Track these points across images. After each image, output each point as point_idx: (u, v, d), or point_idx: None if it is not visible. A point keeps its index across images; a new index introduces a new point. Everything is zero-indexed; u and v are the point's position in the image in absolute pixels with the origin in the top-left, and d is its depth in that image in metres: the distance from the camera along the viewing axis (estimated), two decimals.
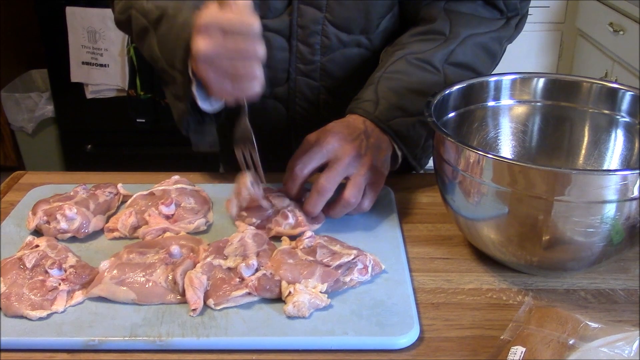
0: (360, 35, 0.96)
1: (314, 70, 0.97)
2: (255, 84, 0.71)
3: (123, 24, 0.92)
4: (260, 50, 0.69)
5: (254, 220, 0.81)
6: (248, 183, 0.80)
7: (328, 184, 0.79)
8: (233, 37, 0.67)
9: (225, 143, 1.16)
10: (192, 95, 0.77)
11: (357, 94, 0.91)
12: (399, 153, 0.88)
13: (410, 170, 0.96)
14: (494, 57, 0.96)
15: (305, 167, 0.80)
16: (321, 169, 0.81)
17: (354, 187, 0.80)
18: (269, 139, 0.96)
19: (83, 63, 2.55)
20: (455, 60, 0.91)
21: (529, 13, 1.01)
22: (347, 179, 0.80)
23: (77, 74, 2.57)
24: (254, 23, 0.68)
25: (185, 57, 0.75)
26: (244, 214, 0.82)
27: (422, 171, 1.10)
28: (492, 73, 0.84)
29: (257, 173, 0.81)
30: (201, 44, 0.68)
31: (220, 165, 1.23)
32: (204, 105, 0.79)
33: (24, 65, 2.87)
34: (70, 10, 2.46)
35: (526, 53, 2.69)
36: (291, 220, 0.79)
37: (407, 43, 0.94)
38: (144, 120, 2.64)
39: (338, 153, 0.80)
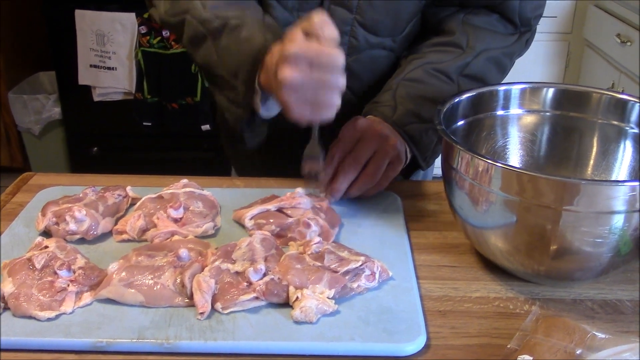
0: (387, 37, 0.97)
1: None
2: (332, 111, 0.74)
3: (172, 25, 0.93)
4: (342, 81, 0.72)
5: (272, 228, 0.81)
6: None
7: (354, 162, 0.85)
8: (319, 69, 0.70)
9: (237, 150, 1.16)
10: (254, 104, 0.82)
11: (375, 97, 0.95)
12: (409, 155, 0.92)
13: (416, 169, 0.99)
14: (504, 71, 0.99)
15: (339, 151, 0.87)
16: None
17: (376, 165, 0.86)
18: (289, 134, 0.98)
19: (91, 66, 2.56)
20: (469, 72, 0.94)
21: None
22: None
23: (84, 77, 2.58)
24: (340, 56, 0.71)
25: (251, 70, 0.80)
26: (263, 221, 0.82)
27: (430, 178, 1.09)
28: (502, 82, 0.85)
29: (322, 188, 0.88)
30: (288, 73, 0.70)
31: (232, 169, 1.23)
32: (264, 112, 0.84)
33: (31, 67, 2.89)
34: (79, 13, 2.47)
35: (533, 63, 2.69)
36: (315, 228, 0.79)
37: (427, 52, 0.97)
38: (150, 124, 2.65)
39: (367, 133, 0.87)
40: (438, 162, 0.78)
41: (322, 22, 0.71)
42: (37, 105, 2.70)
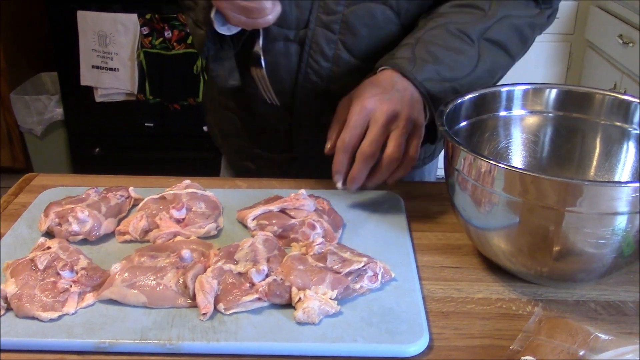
0: None
1: (334, 21, 0.96)
2: (266, 18, 0.79)
3: None
4: None
5: (275, 229, 0.81)
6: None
7: (371, 148, 0.82)
8: None
9: (228, 145, 1.16)
10: (211, 20, 0.83)
11: (392, 51, 0.91)
12: (428, 115, 0.89)
13: (432, 141, 0.95)
14: (526, 42, 0.97)
15: (352, 138, 0.83)
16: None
17: (395, 144, 0.83)
18: (288, 89, 1.01)
19: (93, 67, 2.56)
20: (491, 36, 0.92)
21: None
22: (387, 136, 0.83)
23: (86, 78, 2.58)
24: None
25: None
26: (265, 221, 0.82)
27: (434, 178, 1.09)
28: (504, 84, 0.84)
29: (267, 93, 0.91)
30: None
31: (221, 165, 1.24)
32: (222, 29, 0.85)
33: (34, 68, 2.89)
34: (81, 14, 2.48)
35: (535, 64, 2.70)
36: (319, 230, 0.79)
37: (447, 13, 0.94)
38: (152, 125, 2.65)
39: (376, 115, 0.83)
40: (441, 163, 0.78)
41: None
42: (40, 106, 2.70)
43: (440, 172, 0.83)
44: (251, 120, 1.08)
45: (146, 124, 2.64)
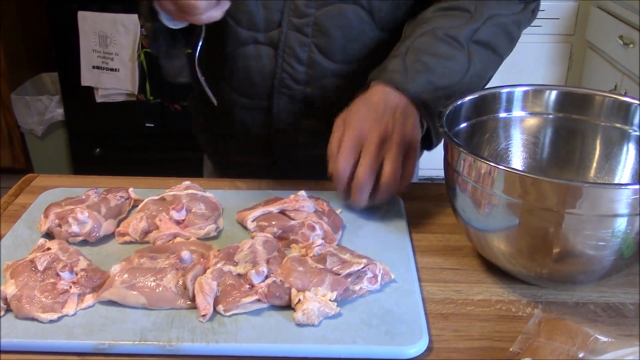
0: None
1: (306, 24, 0.95)
2: (200, 14, 0.78)
3: None
4: None
5: (275, 230, 0.81)
6: None
7: (365, 176, 0.81)
8: None
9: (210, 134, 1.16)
10: (154, 12, 0.85)
11: (382, 64, 0.90)
12: (425, 126, 0.89)
13: (429, 147, 0.94)
14: (513, 40, 0.97)
15: (347, 166, 0.82)
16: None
17: (391, 168, 0.82)
18: (261, 92, 1.00)
19: (93, 67, 2.56)
20: (479, 38, 0.91)
21: (538, 25, 1.03)
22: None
23: (87, 78, 2.58)
24: None
25: None
26: (265, 223, 0.82)
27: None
28: (504, 85, 0.84)
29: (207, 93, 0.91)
30: None
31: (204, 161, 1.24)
32: (169, 23, 0.86)
33: (34, 68, 2.89)
34: (82, 15, 2.48)
35: (535, 65, 2.69)
36: (319, 231, 0.79)
37: (433, 18, 0.93)
38: (152, 125, 2.65)
39: (369, 139, 0.82)
40: (438, 164, 0.78)
41: None
42: (40, 106, 2.70)
43: (422, 173, 0.83)
44: (230, 125, 1.08)
45: (147, 125, 2.64)
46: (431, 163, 1.25)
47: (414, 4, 0.99)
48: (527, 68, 2.70)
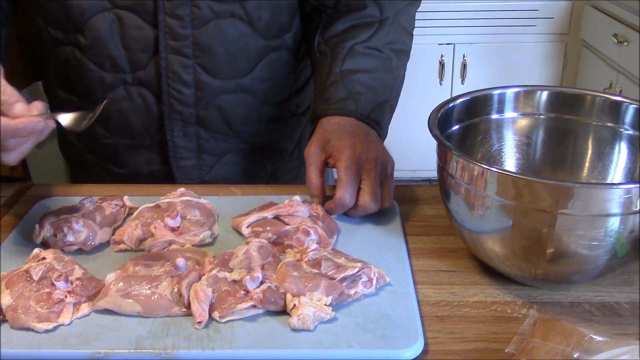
0: (233, 3, 0.93)
1: (186, 45, 0.93)
2: (10, 163, 0.73)
3: None
4: (10, 143, 0.72)
5: (269, 235, 0.81)
6: None
7: (347, 196, 0.83)
8: None
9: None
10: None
11: (325, 94, 0.91)
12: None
13: None
14: (411, 37, 1.01)
15: (352, 198, 0.83)
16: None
17: (369, 192, 0.83)
18: (141, 131, 0.99)
19: None
20: (391, 43, 0.96)
21: (532, 25, 1.05)
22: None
23: None
24: None
25: None
26: (260, 228, 0.82)
27: (427, 182, 1.09)
28: (496, 86, 0.85)
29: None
30: None
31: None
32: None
33: (30, 76, 2.89)
34: None
35: (530, 64, 2.70)
36: (314, 236, 0.79)
37: (344, 32, 0.95)
38: None
39: (366, 167, 0.84)
40: (432, 165, 0.78)
41: None
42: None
43: (419, 174, 0.84)
44: (124, 165, 1.06)
45: None
46: (429, 165, 1.25)
47: (297, 4, 0.99)
48: (522, 68, 2.70)
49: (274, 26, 0.98)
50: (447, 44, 2.70)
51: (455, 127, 0.82)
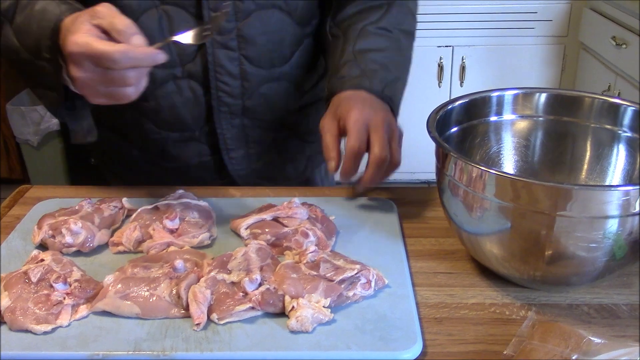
0: None
1: (231, 39, 0.95)
2: (132, 97, 0.73)
3: None
4: (133, 75, 0.71)
5: (268, 237, 0.81)
6: None
7: (383, 152, 0.83)
8: (103, 69, 0.70)
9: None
10: (63, 80, 0.77)
11: (339, 73, 0.94)
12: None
13: None
14: (415, 19, 1.04)
15: (362, 144, 0.84)
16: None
17: (379, 143, 0.84)
18: (191, 123, 1.00)
19: None
20: (399, 24, 0.99)
21: (531, 27, 1.06)
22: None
23: None
24: (123, 53, 0.68)
25: (52, 45, 0.75)
26: (258, 230, 0.82)
27: (426, 185, 1.10)
28: (495, 89, 0.85)
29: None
30: (74, 72, 0.71)
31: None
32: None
33: None
34: None
35: (529, 66, 2.70)
36: (312, 238, 0.79)
37: (355, 15, 0.99)
38: None
39: (373, 122, 0.85)
40: (431, 167, 0.78)
41: (109, 14, 0.70)
42: (36, 116, 2.71)
43: (418, 176, 0.84)
44: (174, 159, 1.07)
45: None
46: (427, 167, 1.25)
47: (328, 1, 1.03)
48: (521, 70, 2.71)
49: (307, 14, 1.01)
50: (446, 46, 2.70)
51: (454, 129, 0.82)
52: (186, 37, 0.78)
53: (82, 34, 0.70)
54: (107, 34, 0.71)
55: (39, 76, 0.80)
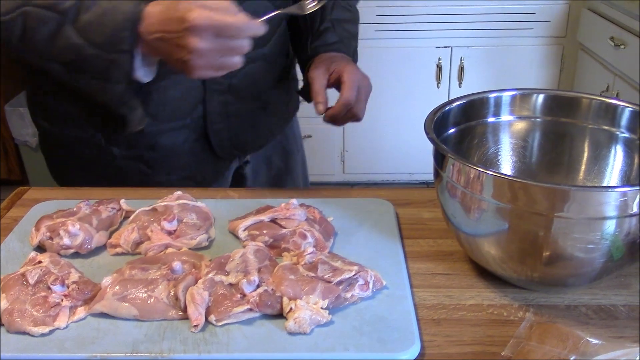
0: None
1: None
2: (236, 67, 0.81)
3: (8, 26, 0.84)
4: (247, 44, 0.79)
5: (266, 239, 0.81)
6: None
7: (354, 93, 0.97)
8: (225, 37, 0.77)
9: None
10: (133, 72, 0.83)
11: (320, 38, 1.08)
12: None
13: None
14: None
15: (354, 98, 0.98)
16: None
17: (350, 86, 0.97)
18: (187, 109, 1.04)
19: None
20: (355, 3, 1.16)
21: (529, 28, 1.07)
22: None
23: None
24: (242, 21, 0.77)
25: (131, 36, 0.80)
26: (256, 232, 0.82)
27: (425, 185, 1.10)
28: (492, 90, 0.85)
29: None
30: (196, 43, 0.76)
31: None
32: (143, 77, 0.86)
33: None
34: None
35: (528, 67, 2.70)
36: (310, 239, 0.79)
37: None
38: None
39: (364, 82, 1.01)
40: (429, 168, 0.78)
41: None
42: None
43: (416, 177, 0.84)
44: (166, 146, 1.07)
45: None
46: (425, 168, 1.25)
47: None
48: (519, 71, 2.71)
49: None
50: (445, 47, 2.70)
51: (452, 130, 0.82)
52: (295, 9, 0.90)
53: (203, 10, 0.76)
54: None
55: (109, 70, 0.84)
